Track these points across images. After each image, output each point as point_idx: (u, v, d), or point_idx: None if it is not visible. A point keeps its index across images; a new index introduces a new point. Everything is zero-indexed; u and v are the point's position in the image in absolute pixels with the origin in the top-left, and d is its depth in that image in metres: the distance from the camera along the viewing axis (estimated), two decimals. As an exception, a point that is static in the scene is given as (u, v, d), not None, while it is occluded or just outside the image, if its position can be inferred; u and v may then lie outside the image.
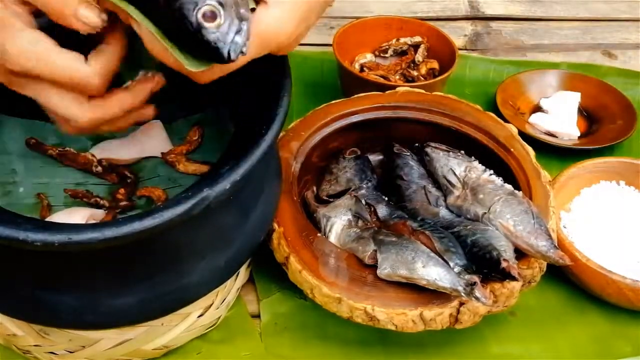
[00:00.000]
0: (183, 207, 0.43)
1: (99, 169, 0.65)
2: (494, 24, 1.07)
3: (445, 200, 0.65)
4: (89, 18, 0.45)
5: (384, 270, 0.55)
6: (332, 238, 0.61)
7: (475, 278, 0.53)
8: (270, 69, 0.53)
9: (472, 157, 0.67)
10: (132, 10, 0.44)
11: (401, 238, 0.58)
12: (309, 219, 0.62)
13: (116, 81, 0.50)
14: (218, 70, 0.47)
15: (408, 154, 0.70)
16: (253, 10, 0.46)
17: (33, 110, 0.50)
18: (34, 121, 0.66)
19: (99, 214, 0.61)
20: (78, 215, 0.59)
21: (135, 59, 0.50)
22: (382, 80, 0.82)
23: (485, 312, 0.55)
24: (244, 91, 0.56)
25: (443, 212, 0.63)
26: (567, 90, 0.88)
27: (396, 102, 0.72)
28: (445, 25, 1.03)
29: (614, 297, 0.63)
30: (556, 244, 0.57)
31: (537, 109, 0.87)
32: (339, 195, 0.66)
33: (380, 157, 0.74)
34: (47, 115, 0.50)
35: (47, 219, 0.61)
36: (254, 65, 0.56)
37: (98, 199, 0.63)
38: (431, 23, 0.89)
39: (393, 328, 0.54)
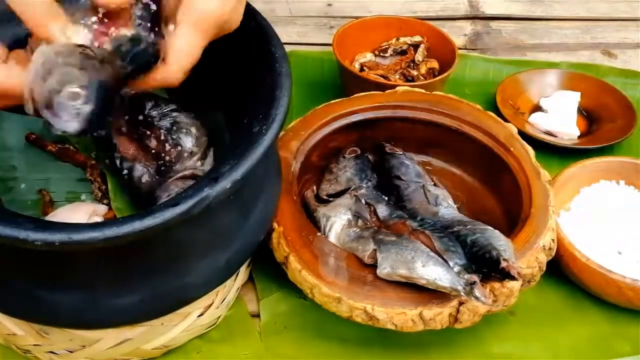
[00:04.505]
0: (183, 207, 0.43)
1: (93, 175, 0.65)
2: (494, 24, 1.07)
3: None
4: None
5: (383, 270, 0.55)
6: (332, 237, 0.61)
7: (475, 277, 0.53)
8: (271, 68, 0.53)
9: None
10: None
11: (401, 237, 0.58)
12: (308, 218, 0.62)
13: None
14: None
15: (401, 153, 0.70)
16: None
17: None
18: (33, 117, 0.66)
19: (102, 209, 0.61)
20: (81, 211, 0.59)
21: None
22: (382, 79, 0.82)
23: (485, 312, 0.55)
24: (244, 91, 0.56)
25: (443, 212, 0.63)
26: (567, 89, 0.88)
27: (396, 101, 0.72)
28: (445, 25, 1.03)
29: (614, 297, 0.63)
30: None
31: (537, 108, 0.87)
32: (338, 194, 0.66)
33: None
34: None
35: (50, 215, 0.61)
36: (254, 64, 0.56)
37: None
38: (431, 22, 0.89)
39: (393, 327, 0.54)
